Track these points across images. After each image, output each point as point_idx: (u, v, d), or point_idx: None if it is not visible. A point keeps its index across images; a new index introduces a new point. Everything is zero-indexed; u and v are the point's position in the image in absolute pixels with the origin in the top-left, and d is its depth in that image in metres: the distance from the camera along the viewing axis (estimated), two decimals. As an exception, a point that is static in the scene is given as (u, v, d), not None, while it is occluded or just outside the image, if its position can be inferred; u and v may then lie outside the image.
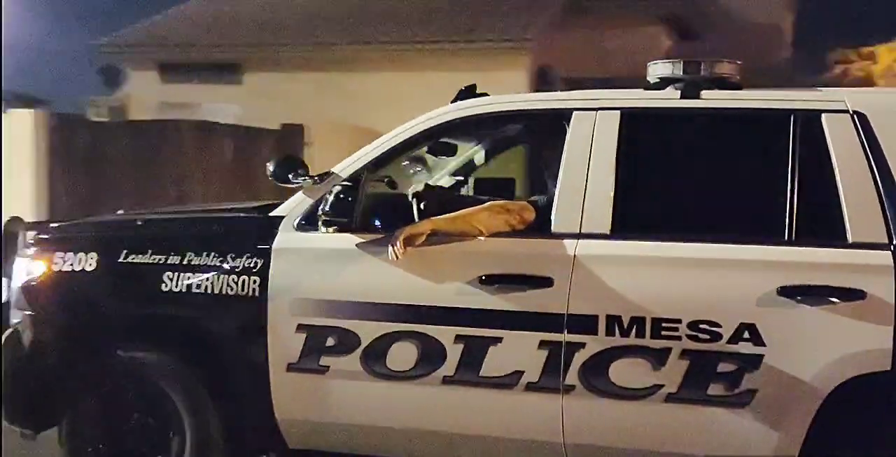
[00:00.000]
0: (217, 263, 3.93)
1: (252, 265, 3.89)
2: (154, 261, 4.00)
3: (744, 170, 3.69)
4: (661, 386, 3.48)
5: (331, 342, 3.79)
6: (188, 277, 3.94)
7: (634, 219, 3.66)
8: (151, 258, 4.01)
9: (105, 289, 4.09)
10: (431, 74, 14.69)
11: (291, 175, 3.91)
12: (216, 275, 3.91)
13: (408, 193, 4.24)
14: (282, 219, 3.97)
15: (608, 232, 3.62)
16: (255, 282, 3.86)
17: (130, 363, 4.09)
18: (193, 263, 3.95)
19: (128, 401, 4.13)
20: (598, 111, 3.75)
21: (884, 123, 3.50)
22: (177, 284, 3.95)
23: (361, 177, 3.91)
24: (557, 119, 3.85)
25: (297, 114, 15.41)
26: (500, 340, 3.63)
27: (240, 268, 3.89)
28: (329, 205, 3.77)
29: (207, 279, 3.92)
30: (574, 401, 3.57)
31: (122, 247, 4.07)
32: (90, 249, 4.13)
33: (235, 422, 4.00)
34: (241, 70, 17.59)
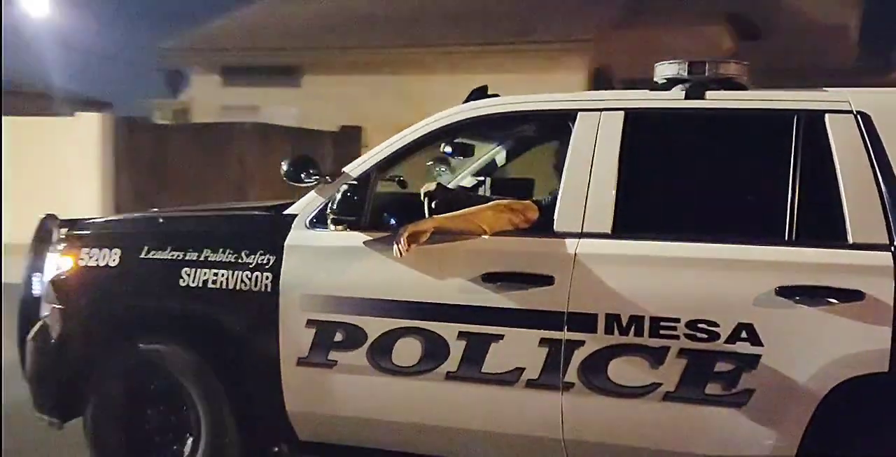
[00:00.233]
0: (232, 260, 4.02)
1: (265, 262, 3.98)
2: (173, 257, 4.11)
3: (746, 170, 3.68)
4: (659, 384, 3.49)
5: (339, 337, 3.86)
6: (205, 273, 4.05)
7: (636, 219, 3.67)
8: (171, 254, 4.12)
9: (128, 284, 4.22)
10: (488, 77, 14.71)
11: (304, 174, 3.99)
12: (231, 271, 4.01)
13: (420, 191, 4.31)
14: (295, 217, 4.06)
15: (609, 231, 3.64)
16: (268, 278, 3.95)
17: (151, 356, 4.21)
18: (210, 259, 4.05)
19: (148, 392, 4.25)
20: (603, 112, 3.77)
21: (887, 123, 3.46)
22: (194, 280, 4.06)
23: (371, 176, 4.00)
24: (563, 119, 3.88)
25: (355, 116, 15.61)
26: (502, 337, 3.67)
27: (254, 264, 3.98)
28: (338, 203, 3.86)
29: (223, 275, 4.02)
30: (573, 398, 3.60)
31: (144, 243, 4.20)
32: (114, 245, 4.25)
33: (248, 414, 4.09)
34: (300, 73, 17.86)
